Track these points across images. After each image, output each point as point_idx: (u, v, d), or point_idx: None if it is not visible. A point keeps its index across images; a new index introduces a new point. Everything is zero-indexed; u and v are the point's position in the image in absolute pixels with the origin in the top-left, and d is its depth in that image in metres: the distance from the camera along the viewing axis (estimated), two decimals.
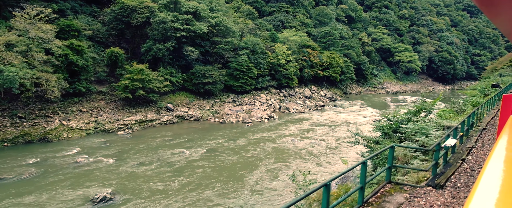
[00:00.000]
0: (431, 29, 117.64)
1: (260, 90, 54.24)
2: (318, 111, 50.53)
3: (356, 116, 44.45)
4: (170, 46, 38.73)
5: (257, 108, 47.21)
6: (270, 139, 29.23)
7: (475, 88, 33.74)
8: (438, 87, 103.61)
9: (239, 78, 48.65)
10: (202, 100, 43.69)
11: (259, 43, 53.29)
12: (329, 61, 70.06)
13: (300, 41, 66.28)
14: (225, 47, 45.75)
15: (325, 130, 34.63)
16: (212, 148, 26.21)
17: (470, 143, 11.93)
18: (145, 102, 36.31)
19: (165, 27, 38.39)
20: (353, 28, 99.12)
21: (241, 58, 48.74)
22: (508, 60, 67.06)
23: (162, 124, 35.02)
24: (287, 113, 47.78)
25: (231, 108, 45.18)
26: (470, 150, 10.96)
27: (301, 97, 59.18)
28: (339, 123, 38.76)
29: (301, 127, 35.87)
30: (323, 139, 30.36)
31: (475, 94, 30.14)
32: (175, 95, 41.18)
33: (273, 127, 36.03)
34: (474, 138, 12.91)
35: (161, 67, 39.78)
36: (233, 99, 47.94)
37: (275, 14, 77.19)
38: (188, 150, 25.38)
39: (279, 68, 57.31)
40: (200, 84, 42.85)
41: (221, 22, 45.97)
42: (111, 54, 35.23)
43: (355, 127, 16.57)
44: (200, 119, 38.94)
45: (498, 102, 23.60)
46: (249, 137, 30.03)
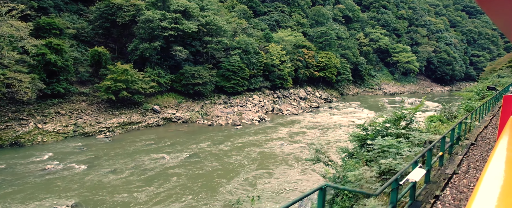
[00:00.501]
0: (430, 30, 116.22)
1: (253, 91, 52.78)
2: (312, 112, 49.07)
3: (350, 118, 42.99)
4: (157, 45, 37.27)
5: (248, 109, 45.75)
6: (257, 143, 27.75)
7: (471, 90, 32.27)
8: (436, 88, 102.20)
9: (230, 78, 47.18)
10: (191, 102, 42.21)
11: (252, 43, 51.82)
12: (325, 62, 68.60)
13: (295, 41, 64.83)
14: (216, 47, 44.29)
15: (317, 133, 33.17)
16: (194, 153, 24.74)
17: (452, 165, 9.28)
18: (130, 104, 34.83)
19: (152, 26, 36.92)
20: (350, 28, 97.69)
21: (232, 58, 47.26)
22: (507, 61, 65.63)
23: (147, 126, 33.55)
24: (280, 115, 46.31)
25: (221, 109, 43.71)
26: (449, 179, 8.13)
27: (295, 98, 57.72)
28: (332, 125, 37.28)
29: (292, 130, 34.39)
30: (313, 143, 28.85)
31: (471, 96, 28.70)
32: (163, 96, 39.70)
33: (263, 130, 34.56)
34: (459, 157, 10.19)
35: (148, 67, 38.31)
36: (224, 100, 46.47)
37: (271, 14, 75.75)
38: (169, 155, 23.91)
39: (273, 68, 55.85)
40: (189, 85, 41.36)
41: (212, 21, 44.51)
42: (94, 53, 33.76)
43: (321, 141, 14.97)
44: (188, 121, 37.46)
45: (494, 107, 21.73)
46: (235, 141, 28.55)
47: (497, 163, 1.71)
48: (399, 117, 10.72)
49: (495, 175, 1.51)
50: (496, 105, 23.57)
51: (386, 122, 10.67)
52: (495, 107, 22.65)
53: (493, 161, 1.74)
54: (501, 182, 1.42)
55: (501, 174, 1.55)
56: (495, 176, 1.49)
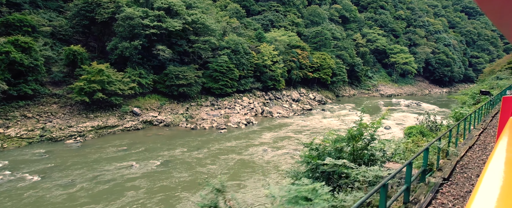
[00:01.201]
0: (428, 31, 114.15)
1: (243, 92, 50.73)
2: (304, 115, 47.01)
3: (344, 121, 40.92)
4: (138, 44, 35.22)
5: (236, 112, 43.69)
6: (238, 150, 25.67)
7: (466, 93, 30.01)
8: (434, 89, 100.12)
9: (218, 79, 45.13)
10: (175, 104, 40.14)
11: (242, 43, 49.77)
12: (320, 62, 66.56)
13: (288, 41, 62.80)
14: (202, 47, 42.23)
15: (304, 138, 31.08)
16: (168, 160, 22.70)
17: None
18: (107, 106, 32.76)
19: (132, 24, 34.89)
20: (347, 29, 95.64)
21: (221, 58, 45.20)
22: (506, 62, 63.55)
23: (124, 130, 31.49)
24: (269, 117, 44.25)
25: (208, 112, 41.66)
26: None
27: (288, 100, 55.67)
28: (321, 129, 35.21)
29: (278, 135, 32.33)
30: (299, 148, 26.79)
31: (466, 100, 26.64)
32: (145, 98, 37.64)
33: (248, 134, 32.49)
34: None
35: (129, 68, 36.27)
36: (212, 102, 44.42)
37: (265, 13, 73.71)
38: (138, 163, 21.86)
39: (265, 69, 53.81)
40: (173, 86, 39.30)
41: (199, 20, 42.47)
42: (69, 52, 31.71)
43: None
44: (170, 124, 35.41)
45: (487, 116, 18.68)
46: (214, 146, 26.49)
47: (496, 164, 1.69)
48: (353, 135, 8.10)
49: (494, 176, 1.49)
50: (490, 112, 20.17)
51: (338, 141, 8.31)
52: (488, 116, 18.72)
53: (492, 162, 1.71)
54: (500, 183, 1.39)
55: (500, 175, 1.53)
56: (495, 177, 1.47)
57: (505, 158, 1.83)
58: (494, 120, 16.91)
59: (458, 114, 17.29)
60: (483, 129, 14.65)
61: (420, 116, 20.17)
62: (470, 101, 25.36)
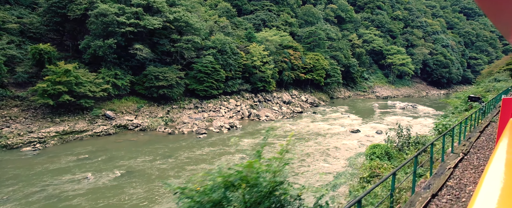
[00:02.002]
0: (426, 31, 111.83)
1: (231, 94, 48.34)
2: (293, 118, 44.59)
3: (332, 125, 38.51)
4: (112, 43, 32.81)
5: (221, 115, 41.27)
6: (211, 159, 23.25)
7: (459, 96, 27.43)
8: (432, 91, 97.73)
9: (203, 81, 42.74)
10: (155, 107, 37.73)
11: (229, 42, 47.39)
12: (313, 63, 64.17)
13: (280, 41, 60.43)
14: (185, 46, 39.81)
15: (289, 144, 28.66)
16: (129, 171, 20.27)
17: None
18: (77, 109, 30.34)
19: (105, 21, 32.49)
20: (343, 29, 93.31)
21: (205, 58, 42.81)
22: (504, 64, 61.12)
23: (94, 136, 29.04)
24: (256, 121, 41.82)
25: (190, 115, 39.24)
26: None
27: (278, 102, 53.25)
28: (307, 135, 32.79)
29: (260, 140, 29.89)
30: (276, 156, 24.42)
31: (459, 104, 24.20)
32: (122, 100, 35.22)
33: (227, 140, 30.06)
34: None
35: (103, 68, 33.87)
36: (196, 105, 42.00)
37: (257, 13, 71.35)
38: (96, 174, 19.44)
39: (254, 70, 51.44)
40: (153, 88, 36.90)
41: (182, 18, 40.09)
42: (35, 51, 29.28)
43: None
44: (147, 129, 32.98)
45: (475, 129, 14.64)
46: (186, 154, 24.05)
47: (497, 165, 1.69)
48: (237, 180, 4.50)
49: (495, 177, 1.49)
50: (480, 123, 15.98)
51: (213, 187, 4.65)
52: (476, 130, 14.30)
53: (493, 163, 1.71)
54: (501, 184, 1.40)
55: (501, 176, 1.53)
56: (495, 178, 1.48)
57: (505, 159, 1.84)
58: (483, 136, 12.88)
59: (440, 126, 14.62)
60: (463, 154, 10.26)
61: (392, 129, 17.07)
62: (462, 106, 22.89)
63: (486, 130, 14.31)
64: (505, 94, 25.14)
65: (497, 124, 14.93)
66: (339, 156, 24.03)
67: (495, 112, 19.82)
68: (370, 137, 33.04)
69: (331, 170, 20.27)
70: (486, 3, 1.85)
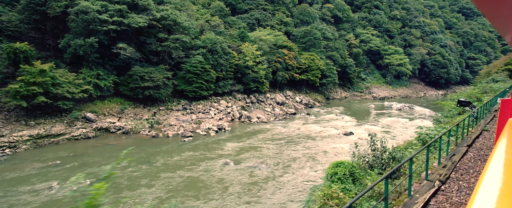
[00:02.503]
0: (424, 31, 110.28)
1: (222, 95, 46.79)
2: (285, 120, 43.05)
3: (325, 128, 36.96)
4: (93, 41, 31.25)
5: (210, 117, 39.72)
6: (191, 164, 21.67)
7: (454, 98, 25.71)
8: (430, 92, 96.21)
9: (192, 81, 41.17)
10: (141, 108, 36.17)
11: (220, 42, 45.85)
12: (308, 63, 62.65)
13: (274, 41, 58.87)
14: (172, 45, 38.25)
15: (276, 148, 27.11)
16: (100, 179, 18.72)
17: None
18: (55, 112, 28.76)
19: (86, 19, 30.93)
20: (340, 29, 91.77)
21: (194, 58, 41.25)
22: (503, 64, 59.61)
23: (71, 139, 27.47)
24: (247, 123, 40.28)
25: (178, 117, 37.69)
26: None
27: (271, 103, 51.71)
28: (297, 138, 31.23)
29: (248, 144, 28.34)
30: (267, 162, 22.85)
31: (453, 107, 22.62)
32: (105, 102, 33.65)
33: (214, 143, 28.51)
34: None
35: (85, 68, 32.31)
36: (184, 106, 40.45)
37: (251, 12, 69.78)
38: (62, 183, 17.88)
39: (247, 70, 49.90)
40: (138, 89, 35.33)
41: (169, 16, 38.56)
42: (10, 50, 27.71)
43: None
44: (130, 131, 31.42)
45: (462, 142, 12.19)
46: (165, 160, 22.49)
47: (495, 166, 1.69)
48: None
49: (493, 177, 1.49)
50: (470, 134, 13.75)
51: None
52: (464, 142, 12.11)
53: (491, 163, 1.71)
54: (500, 184, 1.40)
55: (500, 176, 1.54)
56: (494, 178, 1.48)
57: (504, 159, 1.85)
58: (471, 152, 10.63)
59: (423, 136, 12.76)
60: (440, 182, 7.74)
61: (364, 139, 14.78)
62: (455, 110, 21.28)
63: (476, 143, 11.86)
64: (501, 97, 23.57)
65: (490, 133, 13.47)
66: (327, 162, 22.47)
67: (490, 117, 18.04)
68: (363, 140, 31.42)
69: (315, 178, 18.71)
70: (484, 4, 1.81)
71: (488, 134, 13.83)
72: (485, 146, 11.61)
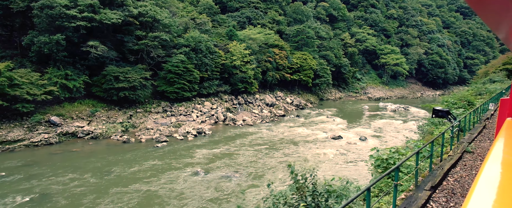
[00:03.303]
0: (421, 30, 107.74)
1: (207, 96, 44.22)
2: (273, 122, 40.50)
3: (313, 131, 34.42)
4: (60, 39, 28.67)
5: (192, 120, 37.17)
6: (148, 176, 19.10)
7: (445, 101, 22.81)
8: (427, 92, 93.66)
9: (173, 82, 38.62)
10: (116, 111, 33.59)
11: (205, 40, 43.31)
12: (300, 63, 60.12)
13: (265, 40, 56.27)
14: (150, 44, 35.70)
15: (254, 154, 24.55)
16: (43, 194, 16.16)
17: None
18: (14, 115, 26.19)
19: (52, 14, 28.38)
20: (335, 28, 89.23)
21: (176, 57, 38.69)
22: (500, 63, 57.02)
23: (30, 146, 24.89)
24: (231, 126, 37.74)
25: (157, 120, 35.13)
26: None
27: (260, 105, 49.14)
28: (283, 142, 28.67)
29: (226, 150, 25.79)
30: (240, 171, 20.30)
31: None
32: (74, 104, 31.08)
33: (188, 149, 25.95)
34: None
35: (51, 67, 29.75)
36: (165, 108, 37.88)
37: (242, 10, 67.22)
38: None
39: (235, 70, 47.36)
40: (112, 90, 32.74)
41: (148, 12, 36.02)
42: None
43: None
44: (99, 136, 28.85)
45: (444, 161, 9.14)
46: (123, 170, 19.91)
47: (492, 165, 1.66)
48: None
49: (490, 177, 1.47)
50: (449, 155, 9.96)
51: None
52: (439, 171, 8.27)
53: (488, 163, 1.68)
54: (496, 184, 1.39)
55: (496, 176, 1.52)
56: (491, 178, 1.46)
57: (501, 159, 1.82)
58: (445, 189, 7.21)
59: (380, 161, 8.72)
60: None
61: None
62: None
63: (448, 179, 7.80)
64: (493, 103, 20.86)
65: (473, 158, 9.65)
66: None
67: (478, 129, 14.07)
68: (352, 144, 29.00)
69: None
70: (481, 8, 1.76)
71: (471, 160, 9.42)
72: (461, 185, 7.40)
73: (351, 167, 21.51)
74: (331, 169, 20.73)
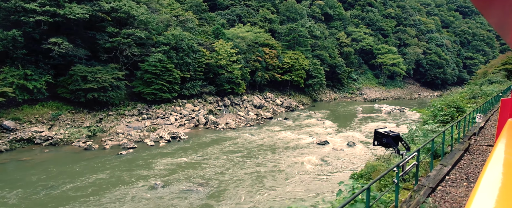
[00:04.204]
0: (420, 30, 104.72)
1: (190, 98, 41.40)
2: (258, 126, 37.66)
3: (299, 135, 31.56)
4: (16, 35, 25.86)
5: (169, 123, 34.33)
6: (89, 194, 16.22)
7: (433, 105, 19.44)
8: (425, 93, 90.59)
9: (151, 83, 35.82)
10: (84, 114, 30.75)
11: (187, 38, 40.50)
12: (291, 63, 57.23)
13: (254, 38, 53.44)
14: (123, 41, 32.88)
15: (227, 163, 21.66)
16: None
17: None
18: None
19: (6, 7, 25.59)
20: (330, 27, 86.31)
21: (153, 56, 35.88)
22: (500, 63, 54.05)
23: None
24: (212, 129, 34.91)
25: (130, 123, 32.28)
26: None
27: (247, 106, 46.27)
28: (262, 148, 25.79)
29: (198, 157, 22.93)
30: (206, 183, 17.45)
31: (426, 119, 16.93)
32: (36, 107, 28.23)
33: (155, 157, 23.10)
34: None
35: (7, 66, 26.93)
36: (141, 110, 35.03)
37: (233, 8, 64.40)
38: None
39: (220, 70, 44.54)
40: (79, 91, 29.90)
41: (121, 8, 33.22)
42: None
43: None
44: (60, 142, 26.01)
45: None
46: (69, 183, 17.07)
47: (495, 165, 1.66)
48: None
49: (493, 177, 1.47)
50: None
51: None
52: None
53: (491, 163, 1.68)
54: (499, 184, 1.38)
55: (499, 176, 1.51)
56: (493, 178, 1.45)
57: (503, 159, 1.81)
58: None
59: None
60: None
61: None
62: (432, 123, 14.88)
63: None
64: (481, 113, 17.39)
65: None
66: (273, 187, 16.98)
67: (458, 153, 9.74)
68: (337, 151, 26.14)
69: None
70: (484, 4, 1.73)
71: None
72: None
73: (329, 180, 18.63)
74: (304, 182, 17.85)
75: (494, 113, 18.94)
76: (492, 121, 16.42)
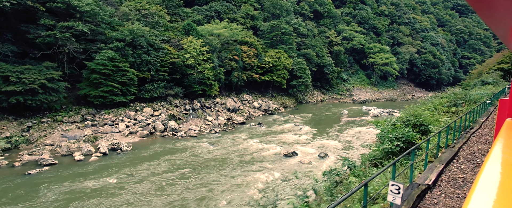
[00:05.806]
0: (414, 28, 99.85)
1: (152, 101, 36.36)
2: (225, 132, 32.63)
3: (268, 144, 26.52)
4: None
5: (117, 131, 29.23)
6: None
7: (385, 120, 13.65)
8: (419, 93, 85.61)
9: (99, 84, 30.77)
10: (8, 121, 25.64)
11: (146, 34, 35.51)
12: (273, 62, 52.27)
13: (230, 35, 48.48)
14: (60, 35, 27.81)
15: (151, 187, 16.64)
16: None
17: None
18: None
19: None
20: (320, 25, 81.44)
21: (102, 54, 30.84)
22: (495, 62, 49.18)
23: None
24: (168, 137, 29.87)
25: (67, 132, 27.17)
26: None
27: (219, 110, 41.21)
28: (214, 161, 20.72)
29: (126, 177, 17.90)
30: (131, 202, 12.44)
31: (387, 131, 11.28)
32: None
33: (68, 178, 18.03)
34: None
35: None
36: (86, 116, 29.92)
37: (211, 4, 59.41)
38: None
39: (189, 70, 39.56)
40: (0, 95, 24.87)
41: None
42: None
43: None
44: None
45: None
46: None
47: (492, 166, 1.65)
48: None
49: (490, 177, 1.47)
50: None
51: None
52: None
53: (488, 163, 1.67)
54: (496, 184, 1.38)
55: (497, 176, 1.51)
56: (491, 178, 1.45)
57: (501, 159, 1.81)
58: None
59: None
60: None
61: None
62: (388, 145, 9.72)
63: None
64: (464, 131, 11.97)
65: None
66: None
67: None
68: (305, 164, 21.22)
69: None
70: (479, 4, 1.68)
71: None
72: None
73: (283, 204, 13.63)
74: None
75: (471, 137, 11.29)
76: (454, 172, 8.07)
